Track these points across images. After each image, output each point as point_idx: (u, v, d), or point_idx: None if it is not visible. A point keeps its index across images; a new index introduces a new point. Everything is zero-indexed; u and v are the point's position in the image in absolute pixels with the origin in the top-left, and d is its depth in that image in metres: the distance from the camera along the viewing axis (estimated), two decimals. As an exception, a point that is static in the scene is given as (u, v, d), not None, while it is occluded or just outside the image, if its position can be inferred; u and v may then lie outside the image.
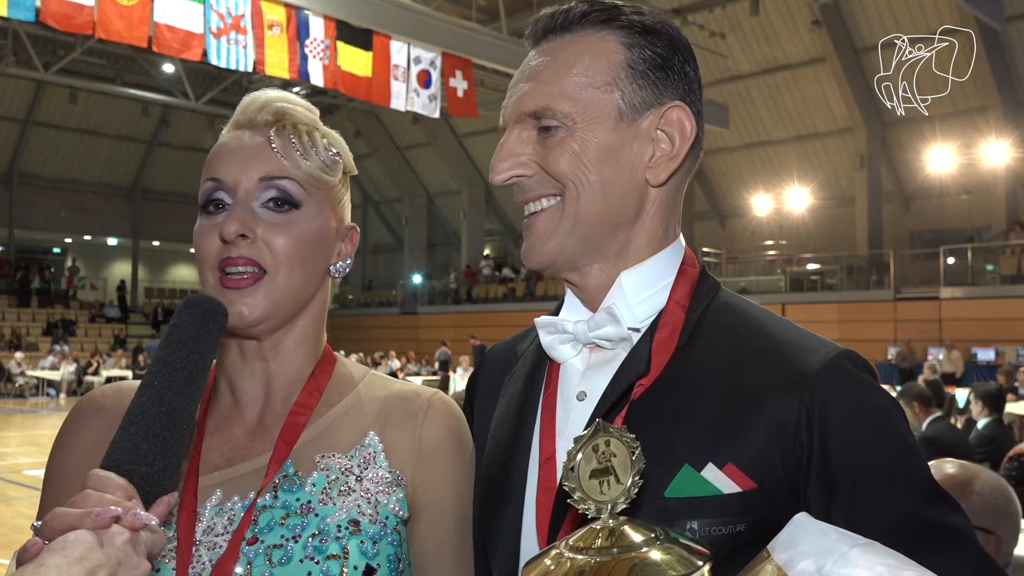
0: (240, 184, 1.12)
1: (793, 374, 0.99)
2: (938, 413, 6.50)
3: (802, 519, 0.73)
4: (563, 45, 1.10)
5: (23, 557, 0.79)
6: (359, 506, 1.09)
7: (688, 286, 1.10)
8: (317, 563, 1.03)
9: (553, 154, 1.07)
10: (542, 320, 1.15)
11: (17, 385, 23.61)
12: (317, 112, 1.23)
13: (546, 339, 1.14)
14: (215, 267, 1.11)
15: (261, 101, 1.17)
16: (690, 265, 1.13)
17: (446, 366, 21.91)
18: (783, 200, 23.68)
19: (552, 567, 0.71)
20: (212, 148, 1.18)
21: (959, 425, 8.32)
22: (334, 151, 1.20)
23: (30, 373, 23.77)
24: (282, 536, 1.05)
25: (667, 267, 1.11)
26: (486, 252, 30.69)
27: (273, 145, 1.13)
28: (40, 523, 0.82)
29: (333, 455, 1.13)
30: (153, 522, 0.84)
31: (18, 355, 24.02)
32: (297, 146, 1.14)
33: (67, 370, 23.79)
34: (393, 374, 18.19)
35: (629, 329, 1.07)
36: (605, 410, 1.03)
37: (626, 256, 1.10)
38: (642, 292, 1.09)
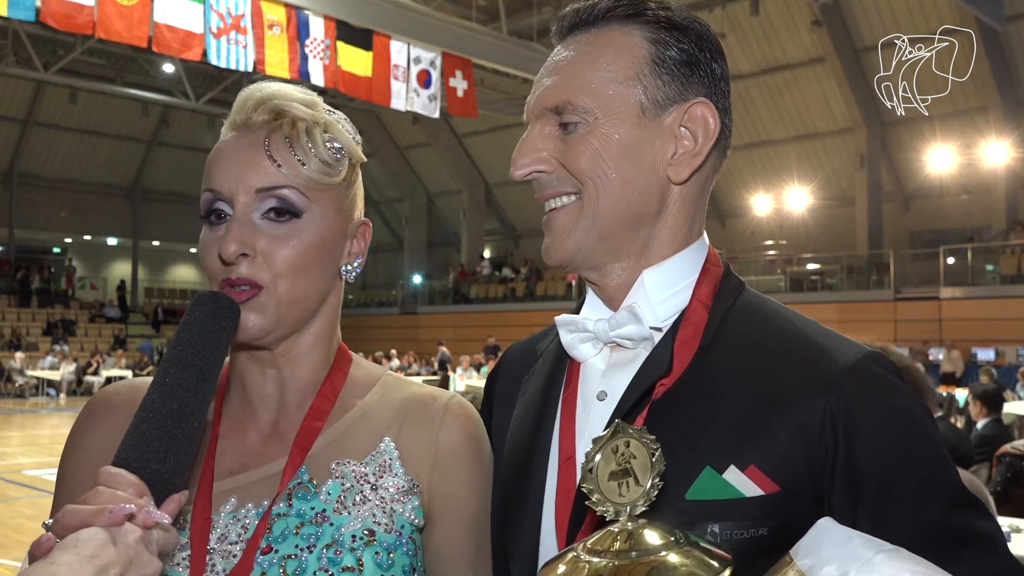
0: (237, 197, 1.08)
1: (818, 376, 0.97)
2: (939, 413, 6.50)
3: (826, 524, 0.71)
4: (588, 40, 1.08)
5: (36, 553, 0.79)
6: (374, 515, 1.07)
7: (712, 285, 1.09)
8: (331, 575, 1.02)
9: (573, 151, 1.05)
10: (562, 318, 1.13)
11: (17, 385, 23.57)
12: (318, 101, 1.15)
13: (566, 338, 1.12)
14: (219, 285, 1.09)
15: (256, 99, 1.12)
16: (714, 264, 1.11)
17: (445, 366, 21.89)
18: (783, 200, 23.64)
19: (569, 570, 0.71)
20: (212, 148, 1.14)
21: (959, 425, 8.32)
22: (336, 146, 1.13)
23: (30, 373, 23.74)
24: (296, 546, 1.04)
25: (690, 266, 1.09)
26: (485, 253, 30.67)
27: (269, 151, 1.08)
28: (52, 520, 0.82)
29: (348, 462, 1.11)
30: (165, 520, 0.84)
31: (19, 355, 24.00)
32: (295, 150, 1.09)
33: (67, 370, 23.76)
34: (393, 374, 18.08)
35: (651, 328, 1.05)
36: (626, 410, 1.02)
37: (648, 254, 1.08)
38: (665, 291, 1.07)
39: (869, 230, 22.08)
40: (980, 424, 6.81)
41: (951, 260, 20.57)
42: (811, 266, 23.20)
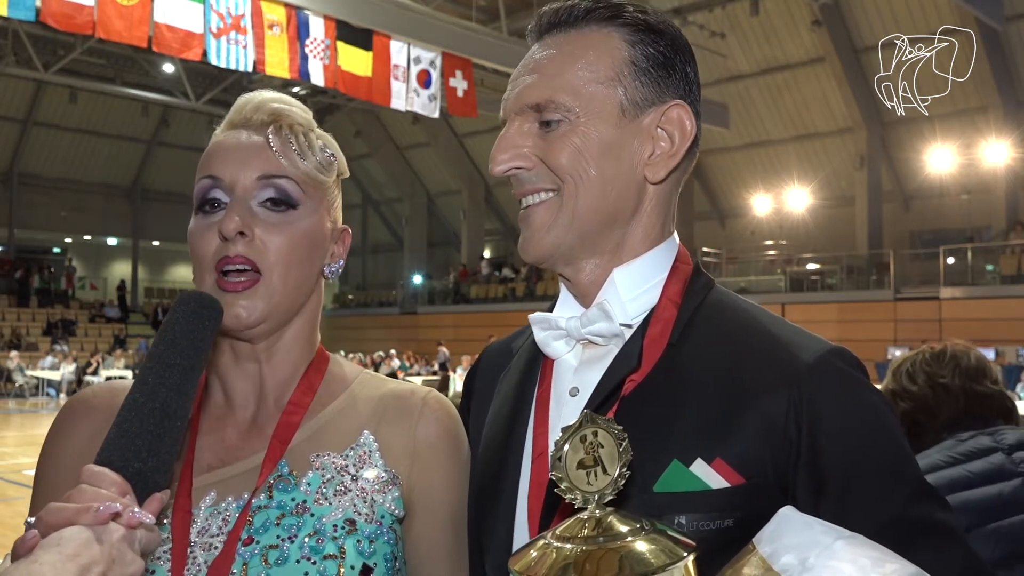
0: (238, 182, 1.12)
1: (783, 371, 0.99)
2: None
3: (787, 512, 0.73)
4: (567, 40, 1.10)
5: (19, 551, 0.79)
6: (355, 505, 1.09)
7: (681, 283, 1.11)
8: (314, 563, 1.04)
9: (554, 148, 1.07)
10: (536, 316, 1.15)
11: (17, 385, 23.59)
12: (311, 113, 1.24)
13: (540, 335, 1.14)
14: (212, 268, 1.11)
15: (257, 101, 1.18)
16: (683, 262, 1.13)
17: (445, 366, 21.92)
18: (783, 200, 23.67)
19: (539, 556, 0.72)
20: (207, 147, 1.18)
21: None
22: (329, 152, 1.21)
23: (30, 373, 23.75)
24: (278, 536, 1.05)
25: (660, 264, 1.11)
26: (485, 253, 30.70)
27: (272, 144, 1.14)
28: (35, 519, 0.82)
29: (328, 454, 1.13)
30: (149, 519, 0.84)
31: (13, 354, 24.00)
32: (294, 146, 1.15)
33: (67, 370, 23.78)
34: (393, 374, 18.17)
35: (621, 325, 1.07)
36: (596, 406, 1.03)
37: (621, 252, 1.10)
38: (635, 289, 1.09)
39: (869, 230, 22.10)
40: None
41: (951, 260, 20.56)
42: (811, 266, 23.21)
